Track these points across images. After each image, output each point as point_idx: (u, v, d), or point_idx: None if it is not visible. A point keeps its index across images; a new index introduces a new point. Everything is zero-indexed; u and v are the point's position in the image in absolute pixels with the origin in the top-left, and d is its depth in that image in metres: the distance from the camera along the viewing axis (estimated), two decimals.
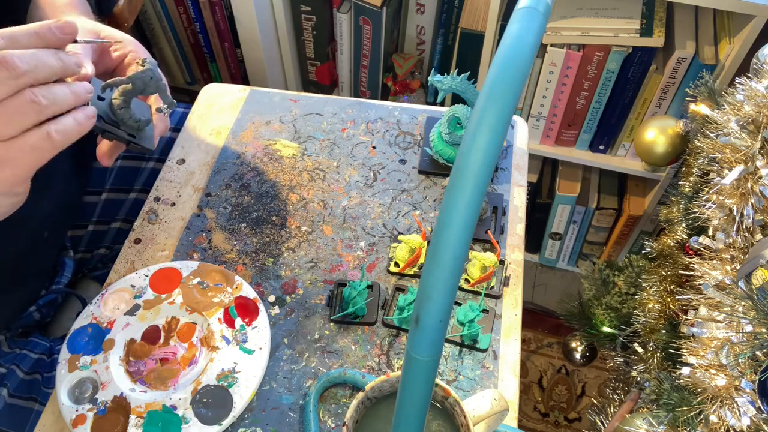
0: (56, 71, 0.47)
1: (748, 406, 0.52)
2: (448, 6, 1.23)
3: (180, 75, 1.54)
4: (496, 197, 0.72)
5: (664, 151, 0.90)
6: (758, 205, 0.59)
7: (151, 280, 0.64)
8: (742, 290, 0.55)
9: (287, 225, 0.71)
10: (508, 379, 0.60)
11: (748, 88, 0.62)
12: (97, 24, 0.60)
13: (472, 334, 0.60)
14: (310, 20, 1.31)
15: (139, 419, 0.56)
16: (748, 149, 0.60)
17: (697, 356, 0.57)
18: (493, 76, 0.26)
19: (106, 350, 0.60)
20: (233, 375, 0.58)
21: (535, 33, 0.27)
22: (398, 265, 0.66)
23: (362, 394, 0.48)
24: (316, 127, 0.80)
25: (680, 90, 1.12)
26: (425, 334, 0.27)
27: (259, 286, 0.66)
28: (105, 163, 0.57)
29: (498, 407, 0.49)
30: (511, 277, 0.66)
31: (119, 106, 0.55)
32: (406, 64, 1.35)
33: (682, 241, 0.80)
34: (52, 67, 0.46)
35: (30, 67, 0.44)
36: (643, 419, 0.66)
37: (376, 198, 0.73)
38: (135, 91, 0.55)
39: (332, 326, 0.63)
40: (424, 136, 0.78)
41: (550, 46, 1.10)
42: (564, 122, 1.24)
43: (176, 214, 0.72)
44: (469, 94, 0.69)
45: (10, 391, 0.70)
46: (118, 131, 0.56)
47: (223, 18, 1.35)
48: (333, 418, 0.57)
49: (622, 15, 1.08)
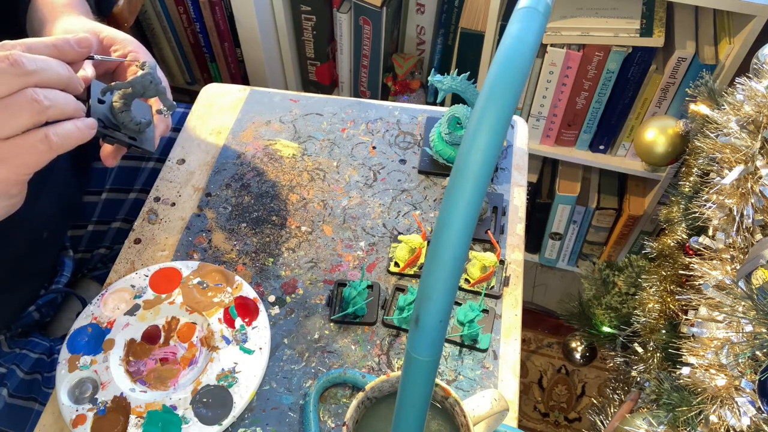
0: (63, 79, 0.47)
1: (748, 406, 0.52)
2: (448, 6, 1.24)
3: (180, 75, 1.54)
4: (496, 197, 0.72)
5: (664, 151, 0.90)
6: (758, 205, 0.59)
7: (151, 280, 0.64)
8: (742, 290, 0.55)
9: (287, 225, 0.71)
10: (508, 379, 0.60)
11: (748, 88, 0.62)
12: (97, 24, 0.60)
13: (472, 334, 0.60)
14: (310, 20, 1.31)
15: (139, 419, 0.56)
16: (748, 149, 0.60)
17: (697, 356, 0.57)
18: (493, 76, 0.26)
19: (106, 350, 0.60)
20: (233, 375, 0.58)
21: (535, 33, 0.27)
22: (398, 265, 0.66)
23: (362, 394, 0.48)
24: (316, 127, 0.80)
25: (680, 90, 1.12)
26: (425, 334, 0.27)
27: (259, 286, 0.66)
28: (109, 164, 0.58)
29: (498, 407, 0.49)
30: (511, 277, 0.66)
31: (120, 109, 0.55)
32: (406, 64, 1.35)
33: (682, 241, 0.80)
34: (59, 74, 0.47)
35: (36, 68, 0.45)
36: (643, 419, 0.66)
37: (376, 198, 0.73)
38: (135, 95, 0.55)
39: (332, 326, 0.63)
40: (424, 136, 0.78)
41: (550, 46, 1.10)
42: (564, 122, 1.24)
43: (176, 214, 0.72)
44: (469, 94, 0.69)
45: (10, 391, 0.70)
46: (119, 134, 0.56)
47: (223, 18, 1.35)
48: (333, 418, 0.57)
49: (622, 15, 1.08)
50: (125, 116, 0.55)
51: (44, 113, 0.45)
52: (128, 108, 0.55)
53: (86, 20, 0.60)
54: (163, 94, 0.56)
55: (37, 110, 0.45)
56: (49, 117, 0.46)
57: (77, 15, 0.61)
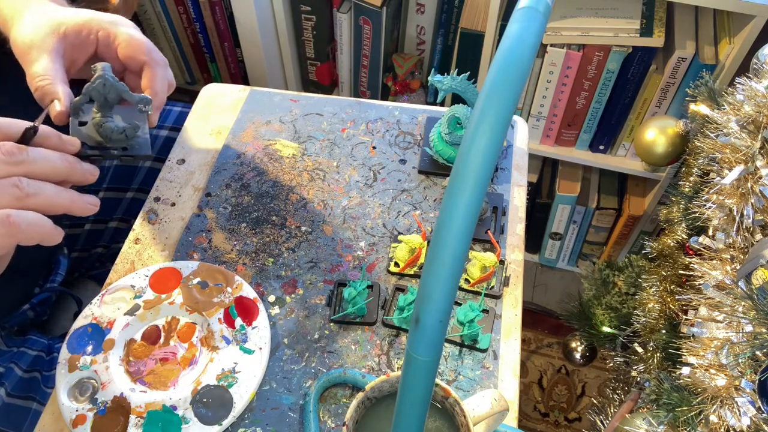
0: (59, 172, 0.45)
1: (748, 406, 0.52)
2: (448, 6, 1.24)
3: (180, 75, 1.54)
4: (496, 197, 0.72)
5: (664, 151, 0.90)
6: (758, 205, 0.59)
7: (151, 280, 0.64)
8: (742, 290, 0.55)
9: (287, 225, 0.71)
10: (508, 379, 0.60)
11: (748, 88, 0.62)
12: (79, 11, 0.57)
13: (472, 334, 0.60)
14: (310, 20, 1.31)
15: (139, 419, 0.56)
16: (748, 149, 0.60)
17: (697, 356, 0.57)
18: (493, 76, 0.26)
19: (106, 350, 0.60)
20: (233, 375, 0.58)
21: (535, 33, 0.27)
22: (398, 265, 0.66)
23: (362, 394, 0.48)
24: (316, 127, 0.80)
25: (680, 90, 1.12)
26: (425, 334, 0.27)
27: (259, 286, 0.66)
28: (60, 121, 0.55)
29: (498, 407, 0.49)
30: (511, 277, 0.66)
31: (100, 122, 0.52)
32: (406, 64, 1.35)
33: (682, 241, 0.80)
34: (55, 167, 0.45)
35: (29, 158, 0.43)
36: (643, 419, 0.66)
37: (376, 198, 0.73)
38: (103, 103, 0.52)
39: (332, 326, 0.63)
40: (424, 136, 0.78)
41: (550, 46, 1.10)
42: (564, 122, 1.24)
43: (176, 214, 0.72)
44: (469, 94, 0.69)
45: (8, 390, 0.70)
46: (107, 152, 0.53)
47: (223, 18, 1.35)
48: (333, 418, 0.57)
49: (622, 15, 1.08)
50: (106, 128, 0.52)
51: (24, 200, 0.43)
52: (109, 118, 0.53)
53: (56, 7, 0.56)
54: (126, 91, 0.53)
55: (17, 196, 0.43)
56: (28, 206, 0.43)
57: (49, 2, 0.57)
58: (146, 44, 0.57)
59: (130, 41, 0.56)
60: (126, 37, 0.56)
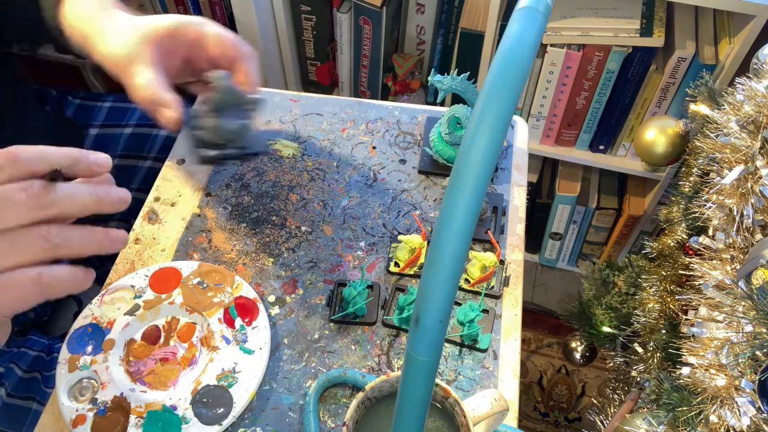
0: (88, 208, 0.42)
1: (748, 406, 0.52)
2: (448, 6, 1.24)
3: None
4: (496, 197, 0.72)
5: (664, 151, 0.90)
6: (758, 205, 0.59)
7: (151, 280, 0.64)
8: (742, 290, 0.55)
9: (287, 225, 0.71)
10: (508, 379, 0.60)
11: (748, 88, 0.62)
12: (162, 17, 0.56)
13: (472, 334, 0.60)
14: (310, 20, 1.31)
15: (139, 419, 0.56)
16: (748, 149, 0.60)
17: (697, 356, 0.57)
18: (493, 76, 0.26)
19: (106, 350, 0.60)
20: (233, 375, 0.58)
21: (535, 33, 0.27)
22: (398, 265, 0.66)
23: (362, 394, 0.48)
24: (316, 127, 0.80)
25: (680, 90, 1.12)
26: (425, 334, 0.27)
27: (259, 286, 0.66)
28: None
29: (498, 407, 0.49)
30: (511, 277, 0.66)
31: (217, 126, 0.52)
32: (406, 64, 1.35)
33: (682, 241, 0.80)
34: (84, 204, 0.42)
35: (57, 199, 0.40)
36: (643, 419, 0.66)
37: (376, 198, 0.73)
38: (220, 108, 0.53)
39: (332, 326, 0.63)
40: (424, 136, 0.78)
41: (550, 46, 1.10)
42: (564, 122, 1.24)
43: (176, 214, 0.72)
44: (469, 94, 0.69)
45: (8, 390, 0.70)
46: (227, 153, 0.54)
47: (223, 18, 1.35)
48: (333, 418, 0.57)
49: (622, 15, 1.08)
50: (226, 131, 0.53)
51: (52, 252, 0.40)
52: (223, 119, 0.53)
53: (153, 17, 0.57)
54: (245, 95, 0.54)
55: (45, 248, 0.40)
56: (57, 256, 0.41)
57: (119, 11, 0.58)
58: (236, 40, 0.57)
59: (220, 40, 0.57)
60: (216, 36, 0.57)
